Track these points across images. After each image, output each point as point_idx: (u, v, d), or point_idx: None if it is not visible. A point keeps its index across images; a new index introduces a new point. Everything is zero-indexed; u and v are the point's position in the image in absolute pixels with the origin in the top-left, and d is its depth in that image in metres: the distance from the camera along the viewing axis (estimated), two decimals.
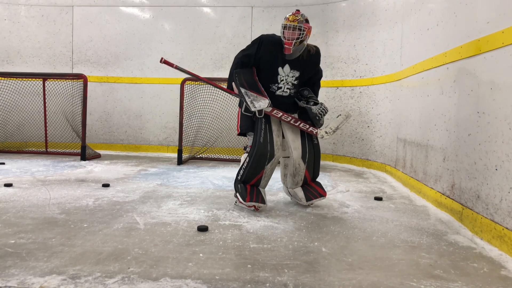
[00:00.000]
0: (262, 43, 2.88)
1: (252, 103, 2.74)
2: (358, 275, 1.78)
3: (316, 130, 2.91)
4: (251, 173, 2.84)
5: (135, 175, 4.31)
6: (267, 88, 2.93)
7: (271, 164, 2.84)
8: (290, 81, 2.93)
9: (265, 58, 2.89)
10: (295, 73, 2.93)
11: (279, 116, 2.86)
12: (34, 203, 2.89)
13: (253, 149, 2.82)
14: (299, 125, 2.90)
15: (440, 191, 3.04)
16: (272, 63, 2.90)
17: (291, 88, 2.95)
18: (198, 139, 5.97)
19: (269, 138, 2.83)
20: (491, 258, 2.04)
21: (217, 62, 6.41)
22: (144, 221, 2.52)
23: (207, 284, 1.64)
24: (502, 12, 2.22)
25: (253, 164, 2.81)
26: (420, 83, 3.64)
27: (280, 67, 2.90)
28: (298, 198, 3.02)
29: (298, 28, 2.79)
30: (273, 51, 2.88)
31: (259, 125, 2.86)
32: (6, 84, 6.25)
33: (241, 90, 2.80)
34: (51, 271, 1.71)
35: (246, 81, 2.85)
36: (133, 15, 6.57)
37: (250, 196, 2.78)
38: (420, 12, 3.77)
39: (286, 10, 6.19)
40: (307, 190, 3.00)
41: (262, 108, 2.75)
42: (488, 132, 2.31)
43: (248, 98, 2.77)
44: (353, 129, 5.65)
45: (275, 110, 2.85)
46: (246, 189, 2.83)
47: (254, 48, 2.90)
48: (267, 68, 2.91)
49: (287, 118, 2.87)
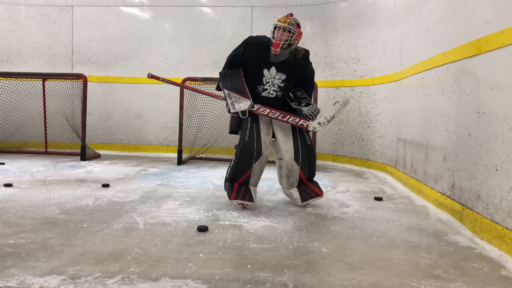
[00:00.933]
0: (248, 44, 2.91)
1: (233, 105, 2.76)
2: (358, 275, 1.78)
3: (307, 123, 2.87)
4: (238, 171, 2.85)
5: (135, 175, 4.31)
6: (253, 90, 2.93)
7: (259, 162, 2.84)
8: (276, 83, 2.93)
9: (250, 59, 2.90)
10: (281, 76, 2.92)
11: (266, 113, 2.85)
12: (34, 203, 2.89)
13: (238, 147, 2.86)
14: (287, 120, 2.87)
15: (440, 191, 3.04)
16: (258, 64, 2.90)
17: (278, 91, 2.95)
18: (198, 139, 5.97)
19: (256, 136, 2.84)
20: (491, 258, 2.04)
21: (217, 62, 6.40)
22: (144, 221, 2.52)
23: (207, 284, 1.64)
24: (502, 12, 2.22)
25: (239, 162, 2.84)
26: (420, 83, 3.64)
27: (265, 69, 2.90)
28: (294, 199, 3.03)
29: (288, 30, 2.78)
30: (259, 52, 2.89)
31: (244, 124, 2.90)
32: (6, 84, 6.25)
33: (225, 91, 2.84)
34: (51, 271, 1.71)
35: (231, 82, 2.87)
36: (133, 15, 6.56)
37: (236, 193, 2.80)
38: (420, 12, 3.77)
39: (286, 10, 6.18)
40: (302, 190, 2.99)
41: (242, 109, 2.76)
42: (488, 132, 2.31)
43: (230, 99, 2.79)
44: (353, 129, 5.65)
45: (261, 108, 2.85)
46: (232, 187, 2.85)
47: (241, 48, 2.93)
48: (252, 69, 2.92)
49: (274, 114, 2.85)
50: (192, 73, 6.29)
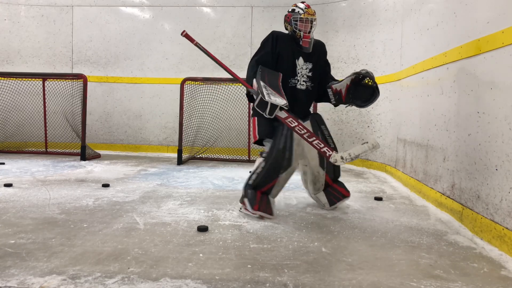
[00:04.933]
0: (277, 37, 2.88)
1: (269, 96, 2.50)
2: (358, 275, 1.78)
3: (331, 153, 2.61)
4: (264, 180, 2.70)
5: (135, 175, 4.31)
6: (286, 84, 2.85)
7: (286, 173, 2.72)
8: (305, 73, 2.91)
9: (283, 52, 2.86)
10: (308, 65, 2.92)
11: (293, 125, 2.60)
12: (34, 203, 2.89)
13: (270, 154, 2.69)
14: (312, 141, 2.62)
15: (440, 191, 3.04)
16: (290, 56, 2.88)
17: (307, 81, 2.92)
18: (198, 139, 5.97)
19: (289, 146, 2.70)
20: (491, 258, 2.04)
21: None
22: (144, 221, 2.52)
23: (207, 284, 1.64)
24: (502, 12, 2.22)
25: (268, 170, 2.69)
26: (420, 83, 3.64)
27: (296, 59, 2.90)
28: (322, 204, 2.97)
29: (311, 20, 2.85)
30: (289, 44, 2.88)
31: (280, 130, 2.72)
32: (6, 84, 6.25)
33: (260, 83, 2.58)
34: (51, 271, 1.71)
35: (268, 78, 2.70)
36: (133, 15, 6.56)
37: (259, 204, 2.63)
38: (420, 12, 3.77)
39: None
40: (329, 193, 2.93)
41: (277, 103, 2.49)
42: (488, 132, 2.31)
43: (265, 90, 2.54)
44: (353, 129, 5.65)
45: (290, 118, 2.60)
46: (255, 196, 2.67)
47: (269, 45, 2.85)
48: (286, 62, 2.87)
49: (301, 130, 2.61)
50: (192, 73, 6.30)
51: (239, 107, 6.01)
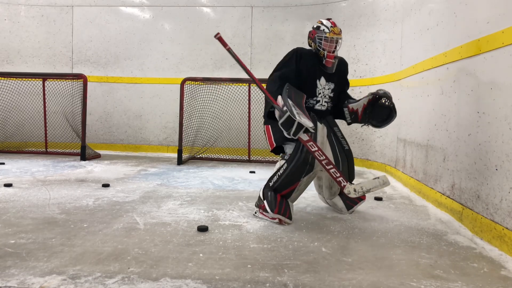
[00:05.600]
0: (301, 55, 2.76)
1: (299, 115, 2.39)
2: (358, 275, 1.78)
3: (345, 184, 2.52)
4: (285, 182, 2.64)
5: (135, 175, 4.31)
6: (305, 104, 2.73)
7: (308, 177, 2.66)
8: (327, 94, 2.82)
9: (305, 71, 2.75)
10: (330, 85, 2.82)
11: (313, 150, 2.52)
12: (34, 203, 2.89)
13: (294, 155, 2.63)
14: (329, 169, 2.54)
15: (440, 191, 3.04)
16: (312, 75, 2.78)
17: (328, 102, 2.83)
18: (198, 139, 5.97)
19: None
20: (491, 258, 2.04)
21: (217, 62, 6.41)
22: (144, 221, 2.52)
23: (207, 284, 1.64)
24: (502, 12, 2.22)
25: (290, 173, 2.62)
26: (420, 83, 3.64)
27: (318, 79, 2.79)
28: (339, 209, 2.91)
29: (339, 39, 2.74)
30: (313, 64, 2.77)
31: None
32: (6, 84, 6.25)
33: (289, 101, 2.45)
34: (51, 271, 1.71)
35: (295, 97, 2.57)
36: (133, 15, 6.56)
37: (279, 207, 2.57)
38: (420, 12, 3.77)
39: (285, 10, 6.20)
40: (346, 198, 2.86)
41: (306, 124, 2.39)
42: (488, 132, 2.31)
43: (295, 109, 2.42)
44: (353, 129, 5.65)
45: (311, 142, 2.53)
46: (276, 199, 2.61)
47: (293, 61, 2.75)
48: (306, 81, 2.77)
49: (320, 156, 2.52)
50: (192, 73, 6.30)
51: (239, 107, 6.02)
